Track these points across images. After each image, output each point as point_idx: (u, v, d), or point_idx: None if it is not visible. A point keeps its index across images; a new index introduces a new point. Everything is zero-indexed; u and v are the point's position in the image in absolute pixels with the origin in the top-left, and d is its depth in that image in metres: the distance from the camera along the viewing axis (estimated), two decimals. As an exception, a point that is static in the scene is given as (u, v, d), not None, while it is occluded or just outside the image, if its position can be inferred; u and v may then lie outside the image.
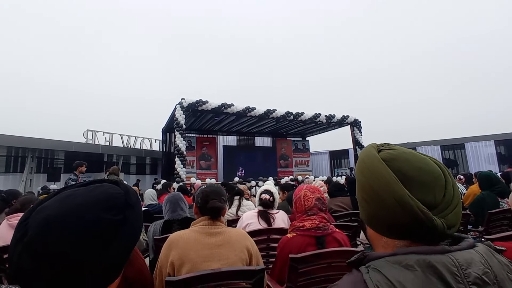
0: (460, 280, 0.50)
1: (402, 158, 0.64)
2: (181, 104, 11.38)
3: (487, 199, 3.21)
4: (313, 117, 14.11)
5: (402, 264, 0.54)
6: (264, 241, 2.45)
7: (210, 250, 1.49)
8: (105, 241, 0.52)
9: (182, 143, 11.20)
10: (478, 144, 15.64)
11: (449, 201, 0.60)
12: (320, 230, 1.73)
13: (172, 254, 1.47)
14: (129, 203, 0.58)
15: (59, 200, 0.53)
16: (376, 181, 0.62)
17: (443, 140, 16.87)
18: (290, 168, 17.91)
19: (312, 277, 1.63)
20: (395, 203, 0.58)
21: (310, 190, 1.84)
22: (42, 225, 0.49)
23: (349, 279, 0.61)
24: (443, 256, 0.54)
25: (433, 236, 0.58)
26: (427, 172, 0.61)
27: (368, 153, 0.68)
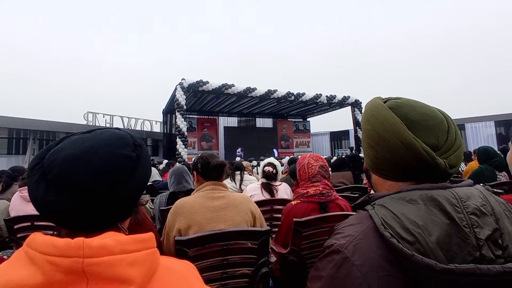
0: (459, 211, 0.53)
1: (407, 105, 0.66)
2: (181, 85, 11.29)
3: (485, 172, 3.25)
4: (314, 98, 14.05)
5: (405, 199, 0.57)
6: (267, 211, 2.50)
7: (215, 213, 1.53)
8: (125, 174, 0.55)
9: (183, 123, 11.20)
10: (478, 124, 15.64)
11: (450, 144, 0.62)
12: (324, 196, 1.76)
13: (178, 220, 1.51)
14: (137, 143, 0.60)
15: (71, 142, 0.55)
16: (382, 126, 0.64)
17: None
18: (291, 148, 17.98)
19: (315, 240, 1.68)
20: (401, 145, 0.60)
21: (313, 158, 1.87)
22: (66, 161, 0.51)
23: (356, 216, 0.64)
24: (444, 191, 0.56)
25: (436, 175, 0.60)
26: (431, 117, 0.64)
27: (374, 103, 0.70)
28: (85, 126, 15.19)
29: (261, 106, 15.52)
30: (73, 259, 0.43)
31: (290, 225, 1.69)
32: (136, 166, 0.57)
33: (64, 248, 0.44)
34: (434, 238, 0.51)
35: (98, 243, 0.46)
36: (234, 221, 1.54)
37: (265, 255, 1.55)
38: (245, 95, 12.77)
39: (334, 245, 0.60)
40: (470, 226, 0.52)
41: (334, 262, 0.58)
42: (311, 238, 1.68)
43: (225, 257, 1.46)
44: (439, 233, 0.51)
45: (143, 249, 0.49)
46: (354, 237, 0.58)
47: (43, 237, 0.47)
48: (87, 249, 0.44)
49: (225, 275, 1.47)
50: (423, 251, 0.50)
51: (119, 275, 0.45)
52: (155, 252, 0.52)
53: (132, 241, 0.49)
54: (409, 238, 0.51)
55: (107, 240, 0.47)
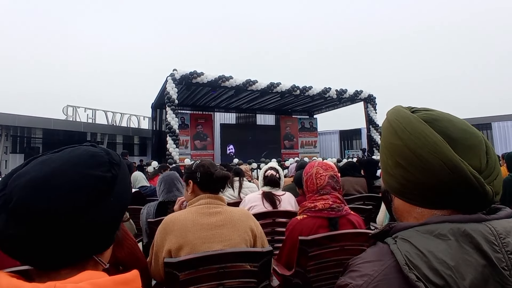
0: (498, 250, 0.51)
1: (444, 118, 0.63)
2: (173, 76, 11.26)
3: (517, 182, 3.24)
4: (322, 92, 14.01)
5: (434, 233, 0.55)
6: (269, 224, 2.49)
7: (211, 231, 1.51)
8: (98, 198, 0.54)
9: (174, 120, 11.18)
10: (506, 124, 15.62)
11: (492, 167, 0.60)
12: (334, 211, 1.75)
13: (167, 239, 1.50)
14: (113, 162, 0.59)
15: (37, 164, 0.54)
16: (418, 142, 0.61)
17: (469, 119, 16.83)
18: (295, 149, 17.98)
19: (323, 260, 1.67)
20: (443, 166, 0.57)
21: (322, 167, 1.85)
22: (27, 188, 0.50)
23: (374, 251, 0.62)
24: (479, 225, 0.54)
25: (479, 203, 0.58)
26: (471, 135, 0.61)
27: (402, 113, 0.67)
28: (64, 121, 15.17)
29: (262, 101, 15.49)
30: None
31: (295, 243, 1.68)
32: (111, 188, 0.56)
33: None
34: (468, 282, 0.49)
35: None
36: (232, 240, 1.52)
37: (266, 278, 1.54)
38: (244, 89, 12.74)
39: (349, 286, 0.58)
40: (510, 269, 0.50)
41: None
42: (319, 259, 1.68)
43: (221, 281, 1.45)
44: (473, 276, 0.49)
45: None
46: (373, 278, 0.56)
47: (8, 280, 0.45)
48: None
49: (221, 301, 1.46)
50: None
51: None
52: None
53: (113, 284, 0.48)
54: (439, 281, 0.49)
55: (83, 284, 0.46)
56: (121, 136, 18.19)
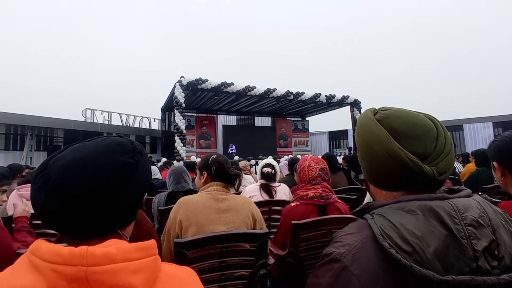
0: (457, 222, 0.54)
1: (394, 116, 0.68)
2: (180, 83, 11.28)
3: (483, 174, 3.27)
4: (313, 97, 14.06)
5: (404, 209, 0.58)
6: (266, 212, 2.51)
7: (217, 214, 1.55)
8: (122, 181, 0.56)
9: (181, 121, 11.20)
10: (476, 125, 15.72)
11: (440, 151, 0.64)
12: (323, 199, 1.78)
13: (180, 214, 1.53)
14: (136, 150, 0.61)
15: (72, 150, 0.57)
16: (370, 138, 0.67)
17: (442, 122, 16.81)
18: (289, 147, 18.01)
19: (313, 242, 1.69)
20: (387, 156, 0.63)
21: (314, 160, 1.88)
22: (63, 170, 0.52)
23: (355, 225, 0.65)
24: (443, 202, 0.57)
25: (426, 183, 0.62)
26: (418, 126, 0.66)
27: (365, 116, 0.73)
28: (83, 123, 15.16)
29: (260, 104, 15.53)
30: (77, 267, 0.44)
31: (288, 227, 1.70)
32: (134, 173, 0.58)
33: (68, 257, 0.45)
34: (432, 249, 0.52)
35: (101, 251, 0.47)
36: (235, 223, 1.56)
37: (263, 257, 1.57)
38: (244, 94, 12.77)
39: (333, 254, 0.61)
40: (467, 238, 0.53)
41: (333, 270, 0.59)
42: (309, 240, 1.69)
43: (224, 259, 1.47)
44: (437, 244, 0.52)
45: (145, 257, 0.51)
46: (353, 246, 0.59)
47: (48, 245, 0.47)
48: (91, 258, 0.45)
49: (224, 276, 1.48)
50: (421, 262, 0.51)
51: (122, 283, 0.46)
52: (156, 259, 0.53)
53: (135, 249, 0.50)
54: (408, 248, 0.52)
55: (110, 248, 0.48)
56: (134, 136, 18.15)
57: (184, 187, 2.66)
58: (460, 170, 5.64)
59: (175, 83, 11.44)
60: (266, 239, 1.53)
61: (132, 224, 0.65)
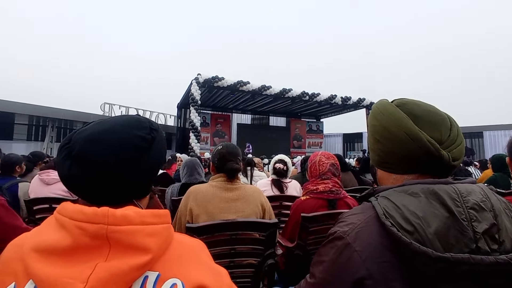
0: (459, 205, 0.56)
1: (411, 103, 0.70)
2: (197, 80, 11.40)
3: (499, 180, 3.19)
4: (328, 99, 13.95)
5: (408, 192, 0.60)
6: (276, 207, 2.53)
7: (227, 203, 1.58)
8: (139, 153, 0.60)
9: (196, 118, 11.32)
10: (497, 133, 15.23)
11: (453, 140, 0.66)
12: (333, 193, 1.79)
13: (190, 202, 1.57)
14: (153, 127, 0.65)
15: (95, 124, 0.61)
16: (388, 121, 0.69)
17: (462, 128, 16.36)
18: (303, 148, 17.92)
19: (321, 235, 1.71)
20: (406, 137, 0.64)
21: (325, 156, 1.89)
22: (85, 141, 0.57)
23: (360, 206, 0.68)
24: (446, 186, 0.59)
25: (440, 167, 0.64)
26: (434, 114, 0.68)
27: (381, 102, 0.75)
28: (102, 116, 15.47)
29: (275, 104, 15.52)
30: (99, 225, 0.48)
31: (298, 220, 1.72)
32: (150, 147, 0.62)
33: (91, 215, 0.49)
34: (433, 229, 0.53)
35: (121, 213, 0.51)
36: (245, 212, 1.59)
37: (272, 247, 1.59)
38: (259, 93, 12.79)
39: (337, 232, 0.63)
40: (468, 220, 0.54)
41: (337, 247, 0.62)
42: (318, 234, 1.71)
43: (233, 246, 1.51)
44: (437, 224, 0.54)
45: (159, 223, 0.54)
46: (356, 225, 0.61)
47: (73, 205, 0.52)
48: (112, 217, 0.49)
49: (232, 263, 1.52)
50: (421, 241, 0.53)
51: (138, 243, 0.49)
52: (169, 227, 0.57)
53: (151, 214, 0.54)
54: (409, 228, 0.54)
55: (129, 211, 0.52)
56: (149, 132, 18.44)
57: (197, 179, 2.72)
58: (477, 177, 5.50)
59: (192, 80, 11.57)
60: (275, 229, 1.56)
61: (147, 197, 0.69)
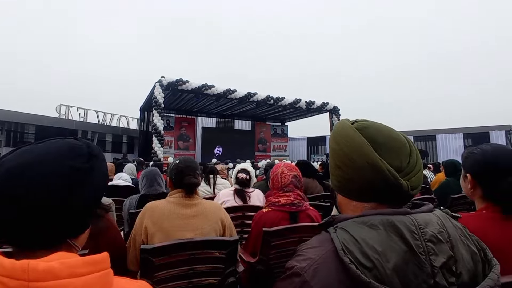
0: (417, 238, 0.55)
1: (373, 127, 0.68)
2: (160, 82, 11.09)
3: (451, 184, 3.39)
4: (293, 103, 14.21)
5: (367, 224, 0.58)
6: (239, 217, 2.48)
7: (185, 220, 1.50)
8: (72, 187, 0.52)
9: (160, 122, 11.00)
10: (448, 136, 16.36)
11: (412, 167, 0.64)
12: (295, 206, 1.77)
13: (146, 220, 1.47)
14: (92, 154, 0.58)
15: (17, 154, 0.53)
16: (349, 146, 0.66)
17: (416, 131, 17.58)
18: (268, 152, 18.07)
19: (284, 249, 1.69)
20: (367, 165, 0.62)
21: (287, 167, 1.88)
22: (7, 174, 0.49)
23: (318, 238, 0.65)
24: (404, 217, 0.58)
25: (399, 196, 0.62)
26: (395, 140, 0.66)
27: (342, 124, 0.72)
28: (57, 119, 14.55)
29: (240, 108, 15.52)
30: (19, 281, 0.42)
31: (259, 233, 1.68)
32: (86, 179, 0.55)
33: (10, 270, 0.42)
34: (392, 265, 0.52)
35: (44, 266, 0.44)
36: (203, 230, 1.52)
37: (232, 264, 1.54)
38: (224, 97, 12.71)
39: (294, 268, 0.60)
40: (426, 254, 0.53)
41: (294, 284, 0.59)
42: (280, 248, 1.69)
43: (192, 266, 1.43)
44: (396, 259, 0.52)
45: (94, 272, 0.47)
46: (314, 261, 0.58)
47: None
48: (32, 273, 0.42)
49: (191, 285, 1.44)
50: (380, 278, 0.51)
51: None
52: (107, 274, 0.50)
53: (82, 263, 0.47)
54: (368, 264, 0.52)
55: (54, 263, 0.45)
56: (110, 135, 17.63)
57: (157, 190, 2.59)
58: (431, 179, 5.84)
59: (155, 83, 11.24)
60: (235, 246, 1.51)
61: (86, 232, 0.61)
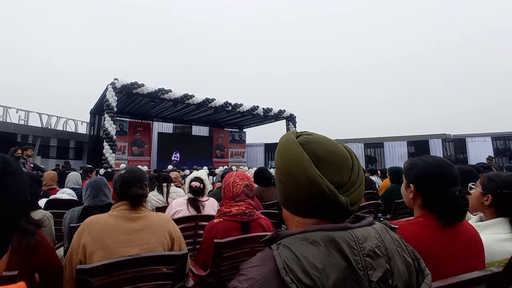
0: (356, 253, 0.56)
1: (316, 141, 0.68)
2: (113, 85, 10.53)
3: (395, 190, 3.63)
4: (251, 109, 14.29)
5: (309, 240, 0.58)
6: (192, 228, 2.41)
7: (129, 235, 1.41)
8: None
9: (112, 126, 10.42)
10: (394, 143, 17.55)
11: (354, 182, 0.66)
12: (246, 215, 1.76)
13: (84, 237, 1.36)
14: (9, 171, 0.52)
15: None
16: (291, 162, 0.66)
17: (366, 139, 18.69)
18: (225, 158, 17.95)
19: (236, 261, 1.66)
20: (307, 182, 0.62)
21: (239, 177, 1.86)
22: None
23: (261, 256, 0.64)
24: (344, 232, 0.59)
25: (338, 212, 0.63)
26: (337, 155, 0.66)
27: (287, 138, 0.71)
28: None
29: (198, 113, 15.26)
30: None
31: (211, 244, 1.64)
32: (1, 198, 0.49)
33: None
34: (332, 282, 0.52)
35: None
36: (150, 244, 1.43)
37: (181, 280, 1.47)
38: (182, 102, 12.42)
39: None
40: (364, 269, 0.55)
41: None
42: (232, 259, 1.66)
43: (137, 285, 1.34)
44: (336, 276, 0.53)
45: None
46: (256, 281, 0.57)
47: None
48: None
49: (136, 304, 1.35)
50: None
51: None
52: None
53: None
54: (308, 282, 0.52)
55: None
56: (55, 140, 16.34)
57: (103, 201, 2.40)
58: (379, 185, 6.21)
59: (108, 85, 10.62)
60: (184, 260, 1.44)
61: (5, 256, 0.55)
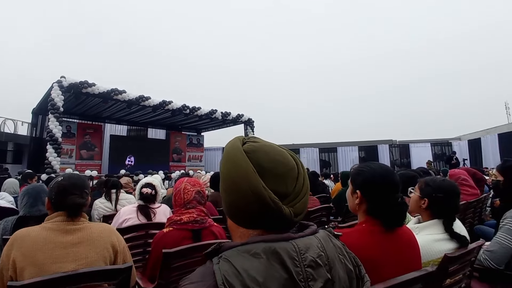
0: (297, 264, 0.55)
1: (261, 150, 0.66)
2: (60, 83, 9.77)
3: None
4: (209, 113, 14.13)
5: (250, 252, 0.56)
6: (142, 237, 2.28)
7: (65, 250, 1.28)
8: None
9: (57, 128, 9.65)
10: (346, 148, 18.51)
11: (298, 192, 0.65)
12: (198, 223, 1.70)
13: (14, 252, 1.23)
14: None
15: None
16: (235, 171, 0.63)
17: (321, 144, 19.44)
18: (183, 162, 17.52)
19: (187, 270, 1.59)
20: (250, 193, 0.60)
21: (190, 183, 1.80)
22: None
23: (201, 271, 0.61)
24: (287, 243, 0.58)
25: (282, 223, 0.62)
26: (282, 164, 0.65)
27: (233, 145, 0.69)
28: None
29: (154, 116, 14.73)
30: None
31: (159, 256, 1.56)
32: None
33: None
34: None
35: None
36: (89, 259, 1.31)
37: (125, 294, 1.37)
38: (137, 103, 11.89)
39: None
40: (305, 280, 0.54)
41: None
42: (182, 269, 1.59)
43: (74, 303, 1.22)
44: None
45: None
46: None
47: None
48: None
49: (72, 324, 1.23)
50: None
51: None
52: None
53: None
54: None
55: None
56: (-10, 141, 14.78)
57: (41, 211, 2.19)
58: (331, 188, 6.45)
59: (53, 83, 9.81)
60: (128, 273, 1.35)
61: None
